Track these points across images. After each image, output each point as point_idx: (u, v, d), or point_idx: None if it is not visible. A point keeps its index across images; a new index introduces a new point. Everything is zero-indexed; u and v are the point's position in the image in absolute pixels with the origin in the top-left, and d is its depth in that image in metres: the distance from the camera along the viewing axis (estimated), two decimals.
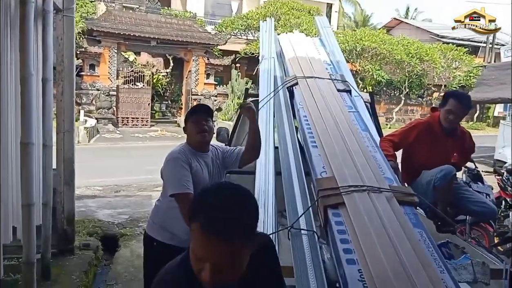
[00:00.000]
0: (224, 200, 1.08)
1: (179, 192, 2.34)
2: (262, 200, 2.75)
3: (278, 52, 4.46)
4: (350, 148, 2.67)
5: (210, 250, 1.04)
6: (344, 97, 3.48)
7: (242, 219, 1.06)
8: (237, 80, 19.04)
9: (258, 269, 1.26)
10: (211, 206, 1.06)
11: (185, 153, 2.46)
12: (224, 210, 1.05)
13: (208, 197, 1.11)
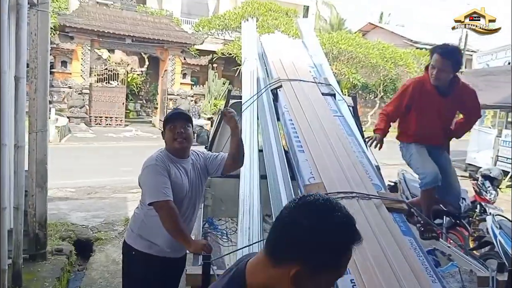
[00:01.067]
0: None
1: (158, 200, 2.27)
2: (247, 205, 2.68)
3: (260, 53, 4.40)
4: (337, 153, 2.64)
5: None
6: (329, 101, 3.45)
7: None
8: (214, 80, 18.91)
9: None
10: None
11: (163, 159, 2.39)
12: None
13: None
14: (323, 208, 0.96)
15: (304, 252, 0.92)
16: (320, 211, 0.95)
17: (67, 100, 16.61)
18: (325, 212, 0.95)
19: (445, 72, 3.04)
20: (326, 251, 0.92)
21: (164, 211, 2.26)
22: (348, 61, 20.57)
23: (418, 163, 3.23)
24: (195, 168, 2.53)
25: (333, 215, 0.95)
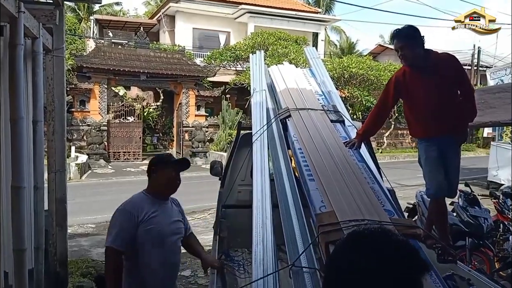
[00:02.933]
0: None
1: (111, 246, 2.36)
2: (261, 236, 2.69)
3: (269, 84, 4.48)
4: (347, 180, 2.65)
5: None
6: (338, 127, 3.48)
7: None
8: (228, 110, 19.15)
9: None
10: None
11: (135, 204, 2.46)
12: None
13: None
14: (378, 242, 0.88)
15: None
16: (376, 245, 0.87)
17: (86, 138, 17.00)
18: (383, 246, 0.87)
19: (407, 49, 3.02)
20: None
21: (107, 256, 2.38)
22: (360, 84, 20.65)
23: (425, 170, 3.19)
24: (175, 210, 2.69)
25: (393, 248, 0.87)
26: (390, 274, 0.84)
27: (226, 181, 4.32)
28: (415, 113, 3.21)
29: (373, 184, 2.70)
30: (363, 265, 0.85)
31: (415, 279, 0.86)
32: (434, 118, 3.07)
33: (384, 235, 0.90)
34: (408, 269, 0.86)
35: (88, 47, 20.24)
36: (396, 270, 0.84)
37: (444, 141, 3.13)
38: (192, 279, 5.40)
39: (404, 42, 3.03)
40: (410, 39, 3.03)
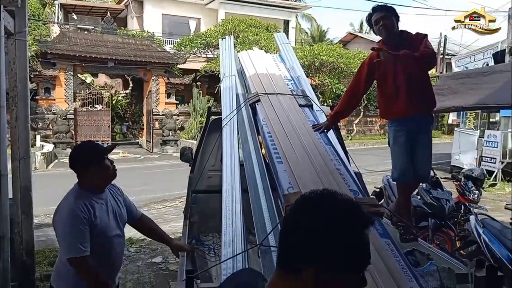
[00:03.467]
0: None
1: (75, 256, 2.21)
2: (230, 219, 2.72)
3: (239, 69, 4.49)
4: (314, 162, 2.71)
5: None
6: (306, 112, 3.53)
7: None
8: (199, 98, 19.00)
9: None
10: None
11: (84, 205, 2.28)
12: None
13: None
14: (323, 202, 0.93)
15: (319, 252, 0.88)
16: (321, 205, 0.92)
17: (52, 126, 16.55)
18: (327, 205, 0.92)
19: (387, 20, 3.11)
20: (341, 244, 0.89)
21: (81, 268, 2.23)
22: (330, 72, 20.86)
23: (392, 154, 3.26)
24: (115, 199, 2.55)
25: (336, 205, 0.92)
26: (335, 232, 0.89)
27: (196, 167, 4.33)
28: (386, 94, 3.24)
29: (339, 165, 2.77)
30: (308, 224, 0.89)
31: (360, 233, 0.92)
32: (404, 98, 3.09)
33: (330, 196, 0.96)
34: (353, 225, 0.91)
35: (53, 33, 19.54)
36: (341, 227, 0.90)
37: (414, 122, 3.15)
38: (163, 265, 5.40)
39: (385, 13, 3.13)
40: (390, 11, 3.15)
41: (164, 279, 4.86)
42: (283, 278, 0.93)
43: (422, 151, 3.19)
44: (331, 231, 0.89)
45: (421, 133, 3.20)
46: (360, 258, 0.93)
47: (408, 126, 3.17)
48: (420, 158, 3.19)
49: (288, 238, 0.93)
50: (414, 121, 3.15)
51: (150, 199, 9.19)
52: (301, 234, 0.90)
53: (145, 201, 8.87)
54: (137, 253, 5.86)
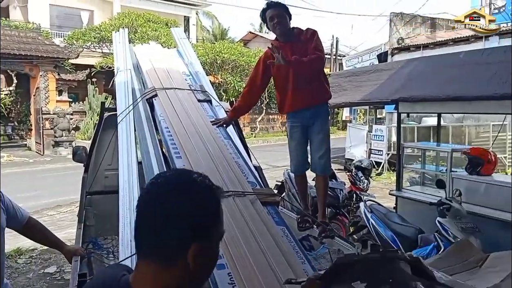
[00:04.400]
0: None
1: None
2: (128, 218, 2.62)
3: (135, 64, 4.32)
4: (213, 155, 2.72)
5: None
6: (205, 107, 3.53)
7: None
8: (95, 96, 17.95)
9: None
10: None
11: None
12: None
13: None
14: (182, 185, 0.93)
15: (198, 233, 0.90)
16: (181, 189, 0.92)
17: None
18: (187, 188, 0.92)
19: (282, 17, 3.19)
20: (212, 219, 0.93)
21: None
22: (232, 70, 21.12)
23: (289, 147, 3.38)
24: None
25: (197, 186, 0.93)
26: (207, 211, 0.93)
27: (91, 166, 4.08)
28: (281, 89, 3.32)
29: (238, 159, 2.82)
30: (181, 211, 0.90)
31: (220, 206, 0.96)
32: (299, 91, 3.18)
33: (184, 176, 0.96)
34: (217, 201, 0.95)
35: None
36: (210, 206, 0.93)
37: (309, 115, 3.25)
38: (58, 275, 5.02)
39: (278, 10, 3.20)
40: (283, 9, 3.24)
41: None
42: (161, 269, 0.91)
43: (319, 143, 3.28)
44: (203, 211, 0.92)
45: (317, 126, 3.29)
46: (221, 228, 0.97)
47: (303, 119, 3.28)
48: (318, 150, 3.29)
49: (162, 231, 0.90)
50: (309, 115, 3.26)
51: (42, 205, 8.47)
52: (178, 224, 0.90)
53: (36, 208, 8.15)
54: (27, 264, 5.37)
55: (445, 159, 5.29)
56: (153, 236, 0.91)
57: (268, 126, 25.29)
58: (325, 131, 3.32)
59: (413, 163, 7.18)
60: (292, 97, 3.21)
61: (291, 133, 3.38)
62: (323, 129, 3.31)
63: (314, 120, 3.29)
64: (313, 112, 3.28)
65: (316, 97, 3.27)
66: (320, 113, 3.33)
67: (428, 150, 6.06)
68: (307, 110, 3.25)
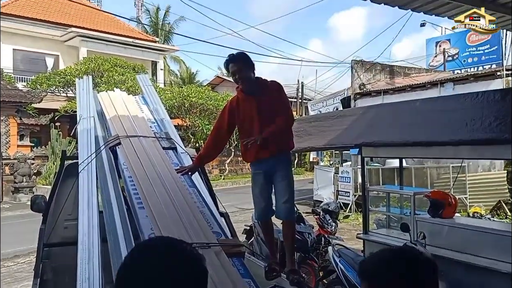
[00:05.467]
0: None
1: None
2: (86, 272, 2.50)
3: (99, 111, 4.27)
4: (177, 205, 2.67)
5: None
6: (170, 154, 3.50)
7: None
8: (58, 140, 17.50)
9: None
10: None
11: None
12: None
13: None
14: (163, 251, 0.93)
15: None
16: (160, 255, 0.91)
17: None
18: (166, 254, 0.92)
19: (243, 71, 3.19)
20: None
21: None
22: (200, 113, 21.23)
23: (253, 194, 3.39)
24: None
25: (174, 255, 0.93)
26: (170, 280, 0.90)
27: (49, 217, 3.91)
28: (246, 135, 3.31)
29: (203, 208, 2.78)
30: (144, 273, 0.88)
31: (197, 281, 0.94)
32: (264, 143, 3.17)
33: (169, 244, 0.97)
34: (187, 275, 0.93)
35: None
36: (176, 276, 0.91)
37: (271, 163, 3.27)
38: None
39: (240, 65, 3.21)
40: (245, 62, 3.24)
41: None
42: None
43: (283, 189, 3.28)
44: (168, 280, 0.91)
45: (280, 172, 3.30)
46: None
47: (266, 167, 3.30)
48: (282, 196, 3.28)
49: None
50: (272, 162, 3.28)
51: None
52: (139, 281, 0.89)
53: None
54: None
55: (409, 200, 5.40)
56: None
57: (237, 168, 25.23)
58: (288, 178, 3.33)
59: (379, 205, 7.29)
60: (256, 148, 3.21)
61: (254, 180, 3.39)
62: (286, 176, 3.32)
63: (277, 167, 3.30)
64: (276, 159, 3.30)
65: (280, 146, 3.32)
66: (283, 160, 3.37)
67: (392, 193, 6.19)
68: (271, 158, 3.27)
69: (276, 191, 3.32)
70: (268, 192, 3.35)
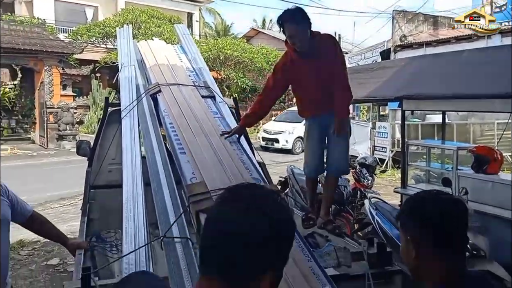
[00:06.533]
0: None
1: None
2: (131, 212, 2.62)
3: (139, 60, 4.32)
4: (217, 152, 2.71)
5: None
6: (209, 103, 3.52)
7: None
8: (99, 90, 17.99)
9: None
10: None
11: None
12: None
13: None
14: (258, 202, 0.88)
15: (274, 257, 0.86)
16: (257, 205, 0.86)
17: None
18: (263, 203, 0.87)
19: (301, 34, 2.93)
20: (287, 243, 0.89)
21: None
22: (235, 66, 21.10)
23: (305, 149, 3.31)
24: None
25: (271, 203, 0.89)
26: (284, 233, 0.88)
27: (95, 161, 4.09)
28: (304, 97, 3.22)
29: (242, 155, 2.81)
30: (257, 232, 0.84)
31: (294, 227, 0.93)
32: (322, 100, 3.07)
33: (257, 192, 0.92)
34: (291, 221, 0.91)
35: None
36: (286, 227, 0.89)
37: (328, 119, 3.12)
38: (60, 267, 5.05)
39: (297, 25, 2.92)
40: (303, 21, 2.93)
41: (61, 281, 4.54)
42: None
43: (338, 143, 3.15)
44: (284, 238, 0.88)
45: (333, 128, 3.12)
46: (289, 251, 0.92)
47: (323, 122, 3.17)
48: (336, 151, 3.16)
49: (238, 254, 0.84)
50: (329, 118, 3.12)
51: (45, 198, 8.49)
52: (256, 249, 0.84)
53: (39, 201, 8.17)
54: (30, 256, 5.39)
55: (450, 156, 5.26)
56: (228, 256, 0.85)
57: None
58: (345, 133, 3.16)
59: (417, 160, 7.15)
60: (314, 105, 3.13)
61: (309, 135, 3.26)
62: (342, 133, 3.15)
63: (333, 121, 3.12)
64: (333, 114, 3.11)
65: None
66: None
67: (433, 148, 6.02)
68: (329, 113, 3.11)
69: (331, 146, 3.19)
70: (322, 148, 3.23)
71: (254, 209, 0.86)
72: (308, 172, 3.35)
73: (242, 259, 0.83)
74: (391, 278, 2.37)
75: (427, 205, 1.24)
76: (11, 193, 2.42)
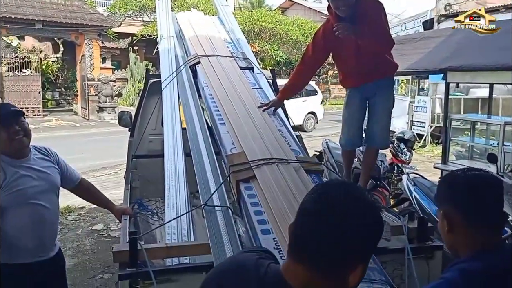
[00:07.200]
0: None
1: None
2: (173, 181, 2.69)
3: (177, 31, 4.34)
4: (257, 123, 2.72)
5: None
6: (247, 74, 3.51)
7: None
8: (136, 63, 18.28)
9: None
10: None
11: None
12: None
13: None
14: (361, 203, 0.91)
15: (365, 253, 0.91)
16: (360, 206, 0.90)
17: None
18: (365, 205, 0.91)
19: (347, 1, 2.74)
20: (376, 242, 0.93)
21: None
22: (270, 38, 20.83)
23: (343, 121, 3.16)
24: (47, 163, 2.41)
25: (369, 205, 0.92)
26: (378, 231, 0.93)
27: (136, 131, 4.20)
28: (345, 64, 3.07)
29: (281, 126, 2.81)
30: (360, 230, 0.88)
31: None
32: (364, 67, 2.92)
33: (357, 194, 0.94)
34: (381, 219, 0.94)
35: None
36: (379, 226, 0.93)
37: (371, 89, 2.99)
38: (104, 232, 5.30)
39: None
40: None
41: (106, 246, 4.77)
42: (318, 278, 0.90)
43: (380, 114, 3.02)
44: (376, 237, 0.93)
45: (380, 97, 3.02)
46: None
47: (365, 93, 3.04)
48: (378, 121, 3.03)
49: (334, 248, 0.88)
50: (372, 88, 2.99)
51: (88, 167, 8.85)
52: (351, 247, 0.88)
53: (82, 169, 8.50)
54: (76, 221, 5.68)
55: (496, 132, 5.06)
56: (322, 248, 0.88)
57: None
58: (388, 103, 3.02)
59: (459, 136, 6.91)
60: (356, 73, 2.98)
61: (349, 106, 3.10)
62: (386, 101, 3.02)
63: (377, 91, 3.00)
64: (377, 84, 2.99)
65: (381, 70, 2.99)
66: (384, 85, 3.04)
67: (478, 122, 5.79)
68: (373, 83, 2.98)
69: (373, 116, 3.05)
70: (362, 120, 3.09)
71: (352, 215, 0.89)
72: (344, 144, 3.22)
73: (340, 256, 0.88)
74: (432, 253, 2.34)
75: (458, 179, 1.27)
76: (61, 160, 2.55)
